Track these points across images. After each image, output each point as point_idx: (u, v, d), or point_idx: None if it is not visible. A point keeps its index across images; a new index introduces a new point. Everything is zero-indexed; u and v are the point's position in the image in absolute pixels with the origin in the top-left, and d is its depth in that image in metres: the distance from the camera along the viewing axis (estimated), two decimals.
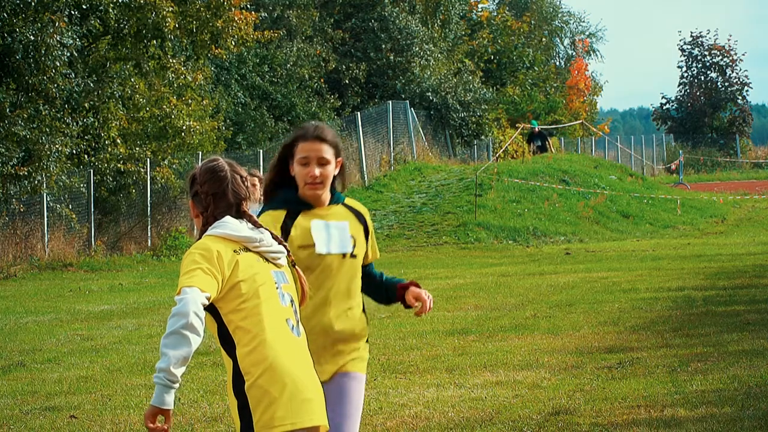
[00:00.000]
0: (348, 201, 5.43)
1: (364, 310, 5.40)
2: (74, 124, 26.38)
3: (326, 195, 5.30)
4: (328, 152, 5.28)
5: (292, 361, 4.55)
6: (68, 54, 25.41)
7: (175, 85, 29.91)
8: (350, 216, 5.38)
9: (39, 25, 24.86)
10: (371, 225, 5.51)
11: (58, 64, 24.94)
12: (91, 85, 27.22)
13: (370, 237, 5.45)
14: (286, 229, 5.19)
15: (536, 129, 42.36)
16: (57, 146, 24.97)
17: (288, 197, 5.29)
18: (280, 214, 5.24)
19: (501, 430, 8.54)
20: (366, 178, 35.87)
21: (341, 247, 5.27)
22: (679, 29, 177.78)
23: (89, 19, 27.46)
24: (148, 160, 29.26)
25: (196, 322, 4.36)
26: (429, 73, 44.64)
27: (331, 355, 5.22)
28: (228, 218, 4.68)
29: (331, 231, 5.26)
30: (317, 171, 5.22)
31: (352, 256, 5.30)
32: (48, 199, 26.60)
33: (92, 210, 28.06)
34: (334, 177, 5.35)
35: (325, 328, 5.20)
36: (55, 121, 25.36)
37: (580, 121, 55.29)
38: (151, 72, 29.30)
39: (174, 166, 29.99)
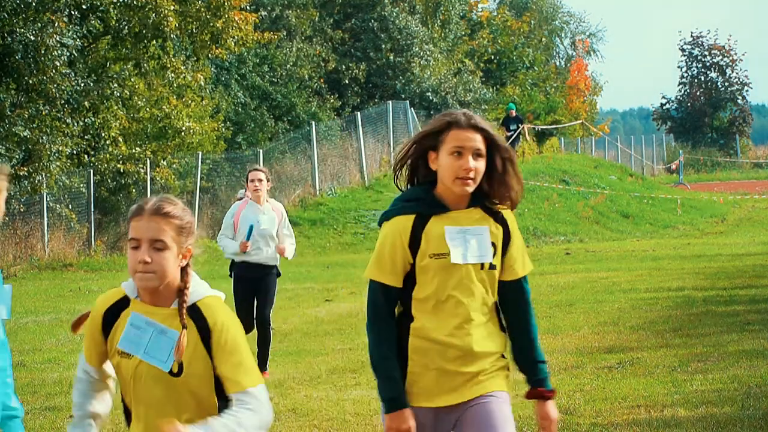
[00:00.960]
0: (489, 203, 4.61)
1: (502, 327, 4.69)
2: (74, 124, 26.38)
3: (469, 194, 4.55)
4: (482, 145, 4.52)
5: None
6: (68, 54, 25.41)
7: (175, 85, 29.91)
8: (489, 221, 4.58)
9: (39, 25, 24.86)
10: (515, 232, 4.66)
11: (58, 64, 24.94)
12: (91, 85, 27.22)
13: (511, 246, 4.62)
14: (415, 240, 4.50)
15: (512, 112, 40.63)
16: (57, 146, 24.97)
17: (421, 196, 4.56)
18: (408, 221, 4.51)
19: None
20: (366, 178, 35.85)
21: (479, 257, 4.54)
22: (679, 29, 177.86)
23: (89, 19, 27.47)
24: (148, 160, 29.27)
25: None
26: (429, 73, 44.64)
27: (468, 379, 4.55)
28: None
29: (468, 238, 4.53)
30: (472, 164, 4.46)
31: (491, 267, 4.55)
32: (48, 199, 26.60)
33: (92, 210, 28.05)
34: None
35: (464, 349, 4.51)
36: (55, 121, 25.37)
37: (580, 121, 55.27)
38: (151, 72, 29.31)
39: (174, 166, 30.00)
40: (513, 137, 38.75)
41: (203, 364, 3.96)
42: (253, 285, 11.37)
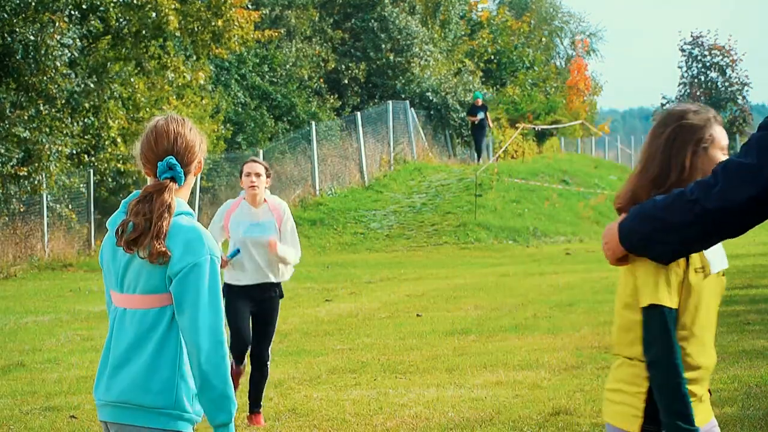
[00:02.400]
0: None
1: None
2: (74, 124, 26.38)
3: None
4: None
5: None
6: (68, 54, 25.40)
7: (175, 84, 29.92)
8: None
9: (39, 25, 24.86)
10: None
11: (58, 65, 24.94)
12: (92, 85, 27.22)
13: None
14: None
15: (479, 101, 39.58)
16: (57, 146, 24.96)
17: None
18: None
19: (501, 430, 8.53)
20: (366, 178, 35.85)
21: (722, 263, 4.06)
22: (679, 29, 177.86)
23: (90, 18, 27.46)
24: None
25: None
26: (429, 73, 44.64)
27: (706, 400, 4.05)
28: None
29: None
30: None
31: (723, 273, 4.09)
32: (48, 199, 26.61)
33: (92, 210, 28.06)
34: None
35: (709, 368, 4.01)
36: (55, 121, 25.36)
37: (580, 121, 55.26)
38: (152, 72, 29.32)
39: None
40: (479, 124, 39.19)
41: None
42: (249, 306, 9.07)
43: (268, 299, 9.02)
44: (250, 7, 32.81)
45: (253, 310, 9.03)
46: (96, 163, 28.33)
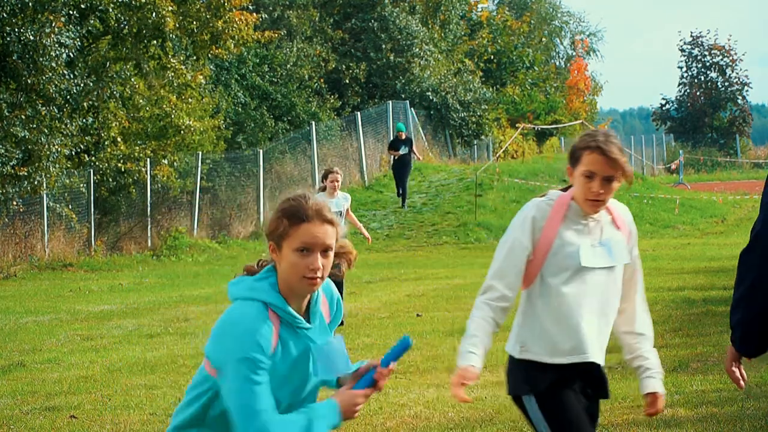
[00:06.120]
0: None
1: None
2: (74, 124, 26.37)
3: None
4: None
5: None
6: (67, 54, 25.39)
7: (175, 84, 29.92)
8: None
9: (37, 25, 24.85)
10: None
11: (56, 65, 24.93)
12: (91, 85, 27.22)
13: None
14: None
15: (402, 134, 32.55)
16: (56, 146, 24.97)
17: None
18: None
19: (501, 430, 8.53)
20: (366, 178, 35.86)
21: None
22: (679, 29, 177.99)
23: (89, 18, 27.46)
24: (148, 159, 29.27)
25: None
26: (429, 73, 44.65)
27: None
28: None
29: None
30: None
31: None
32: (48, 199, 26.61)
33: (92, 210, 28.06)
34: None
35: None
36: (55, 121, 25.36)
37: (580, 121, 55.26)
38: (151, 72, 29.31)
39: (175, 164, 30.00)
40: (400, 160, 32.29)
41: None
42: None
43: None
44: (250, 9, 32.80)
45: None
46: (96, 163, 28.33)
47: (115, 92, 27.93)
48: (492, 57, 54.82)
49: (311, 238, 3.80)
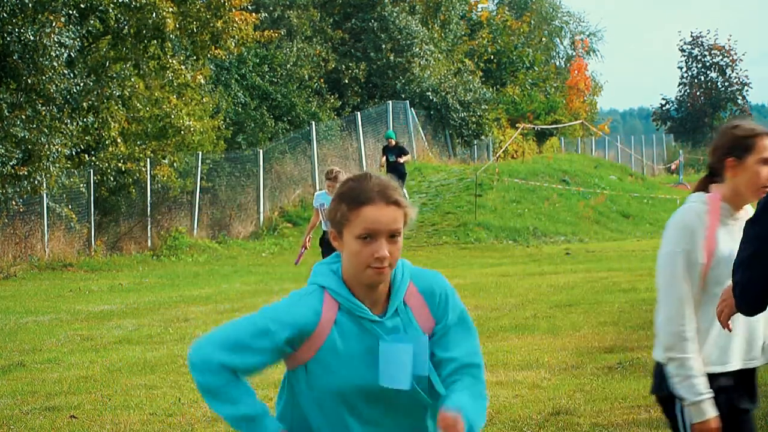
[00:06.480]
0: None
1: None
2: (73, 124, 26.38)
3: None
4: None
5: None
6: (66, 54, 25.40)
7: (175, 84, 29.93)
8: None
9: (38, 25, 24.85)
10: None
11: (56, 65, 24.93)
12: (91, 85, 27.22)
13: None
14: None
15: (391, 141, 31.14)
16: (56, 146, 24.97)
17: None
18: None
19: (501, 430, 8.53)
20: None
21: None
22: (679, 29, 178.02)
23: (89, 19, 27.47)
24: (148, 159, 29.28)
25: None
26: (429, 73, 44.65)
27: None
28: None
29: None
30: None
31: None
32: (48, 199, 26.61)
33: (92, 210, 28.06)
34: None
35: None
36: (55, 121, 25.37)
37: (580, 121, 55.28)
38: (151, 72, 29.31)
39: (175, 164, 30.00)
40: (389, 168, 30.27)
41: None
42: None
43: None
44: (249, 9, 32.80)
45: None
46: (96, 163, 28.33)
47: (115, 92, 27.94)
48: (492, 57, 54.82)
49: (374, 224, 3.38)
